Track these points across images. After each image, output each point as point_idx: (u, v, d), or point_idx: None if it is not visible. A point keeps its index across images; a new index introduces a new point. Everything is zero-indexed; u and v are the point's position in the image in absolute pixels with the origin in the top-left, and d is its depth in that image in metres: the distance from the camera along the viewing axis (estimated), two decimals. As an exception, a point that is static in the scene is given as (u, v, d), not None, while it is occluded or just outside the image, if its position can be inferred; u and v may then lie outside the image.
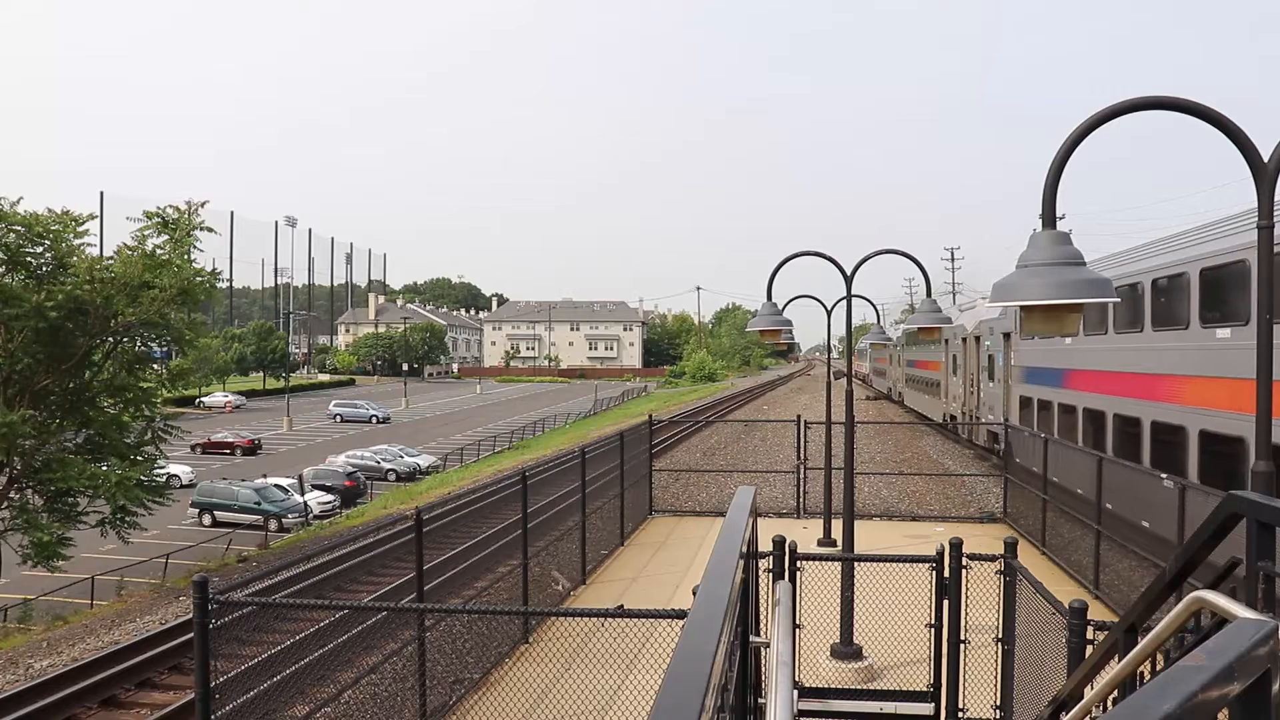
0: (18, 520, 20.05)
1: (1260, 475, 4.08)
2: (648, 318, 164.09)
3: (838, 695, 8.19)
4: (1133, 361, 14.27)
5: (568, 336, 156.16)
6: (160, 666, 14.72)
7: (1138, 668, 3.33)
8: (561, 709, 8.55)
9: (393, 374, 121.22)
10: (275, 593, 13.82)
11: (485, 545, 18.47)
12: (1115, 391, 14.98)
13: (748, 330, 11.54)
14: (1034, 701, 6.26)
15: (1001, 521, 17.48)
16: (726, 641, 1.90)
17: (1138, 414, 13.85)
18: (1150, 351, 13.69)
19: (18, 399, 20.17)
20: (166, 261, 21.39)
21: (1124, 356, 14.69)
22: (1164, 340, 13.24)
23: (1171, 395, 12.78)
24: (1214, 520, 3.17)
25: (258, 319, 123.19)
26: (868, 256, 10.90)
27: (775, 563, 7.17)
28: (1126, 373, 14.51)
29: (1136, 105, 3.98)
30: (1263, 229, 4.07)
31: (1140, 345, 14.08)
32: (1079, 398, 16.82)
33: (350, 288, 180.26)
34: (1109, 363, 15.40)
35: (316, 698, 10.13)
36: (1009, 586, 7.23)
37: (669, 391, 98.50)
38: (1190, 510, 9.70)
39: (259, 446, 52.90)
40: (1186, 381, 12.29)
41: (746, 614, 3.52)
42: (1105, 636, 4.60)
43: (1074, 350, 17.20)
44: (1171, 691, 1.21)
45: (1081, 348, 16.71)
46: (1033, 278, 3.68)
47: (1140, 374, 13.93)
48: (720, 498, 20.72)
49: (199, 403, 78.28)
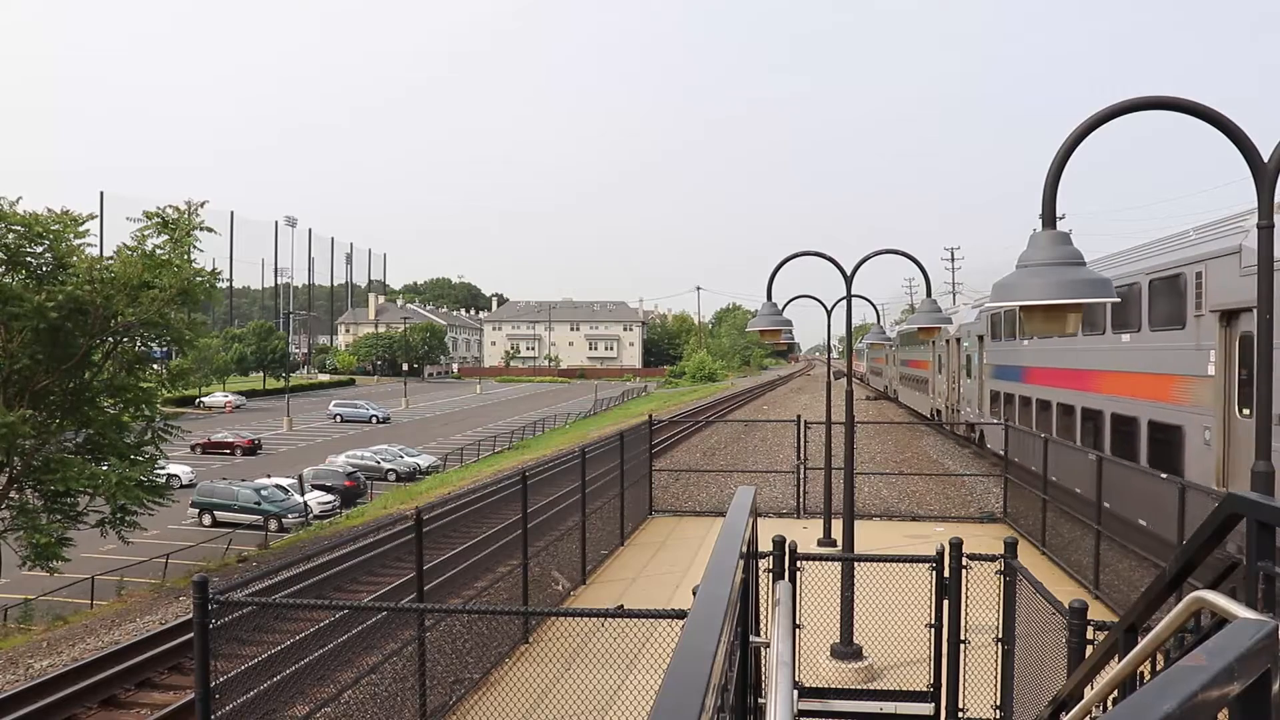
0: (18, 520, 20.05)
1: (1260, 475, 4.08)
2: (648, 318, 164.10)
3: (838, 695, 8.19)
4: (1072, 360, 17.51)
5: (568, 336, 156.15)
6: (160, 666, 14.71)
7: (1138, 668, 3.33)
8: (561, 709, 8.55)
9: (393, 374, 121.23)
10: (275, 593, 13.83)
11: (485, 545, 18.48)
12: (1059, 385, 18.35)
13: (748, 330, 11.53)
14: (1034, 701, 6.26)
15: (1001, 521, 17.48)
16: (726, 641, 1.90)
17: (1073, 402, 17.20)
18: (1082, 352, 16.86)
19: (18, 399, 20.17)
20: (166, 261, 21.39)
21: (1065, 357, 17.95)
22: (1089, 343, 16.40)
23: (1094, 387, 16.20)
24: (1214, 520, 3.17)
25: (258, 319, 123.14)
26: (868, 256, 10.89)
27: (775, 563, 7.17)
28: (1067, 369, 17.87)
29: (1136, 105, 3.98)
30: (1263, 229, 4.07)
31: (1075, 347, 17.17)
32: (1033, 390, 20.25)
33: (350, 288, 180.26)
34: (1055, 361, 18.71)
35: (316, 698, 10.13)
36: (1009, 586, 7.23)
37: (669, 391, 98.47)
38: (1108, 476, 12.32)
39: (259, 446, 52.91)
40: (1103, 375, 15.81)
41: (746, 614, 3.52)
42: (1105, 636, 4.60)
43: (1029, 351, 20.65)
44: (1171, 691, 1.21)
45: (1034, 349, 20.18)
46: (1033, 278, 3.68)
47: (1076, 370, 17.31)
48: (720, 498, 20.72)
49: (199, 403, 78.27)
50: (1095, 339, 16.14)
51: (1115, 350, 15.19)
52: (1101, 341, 15.84)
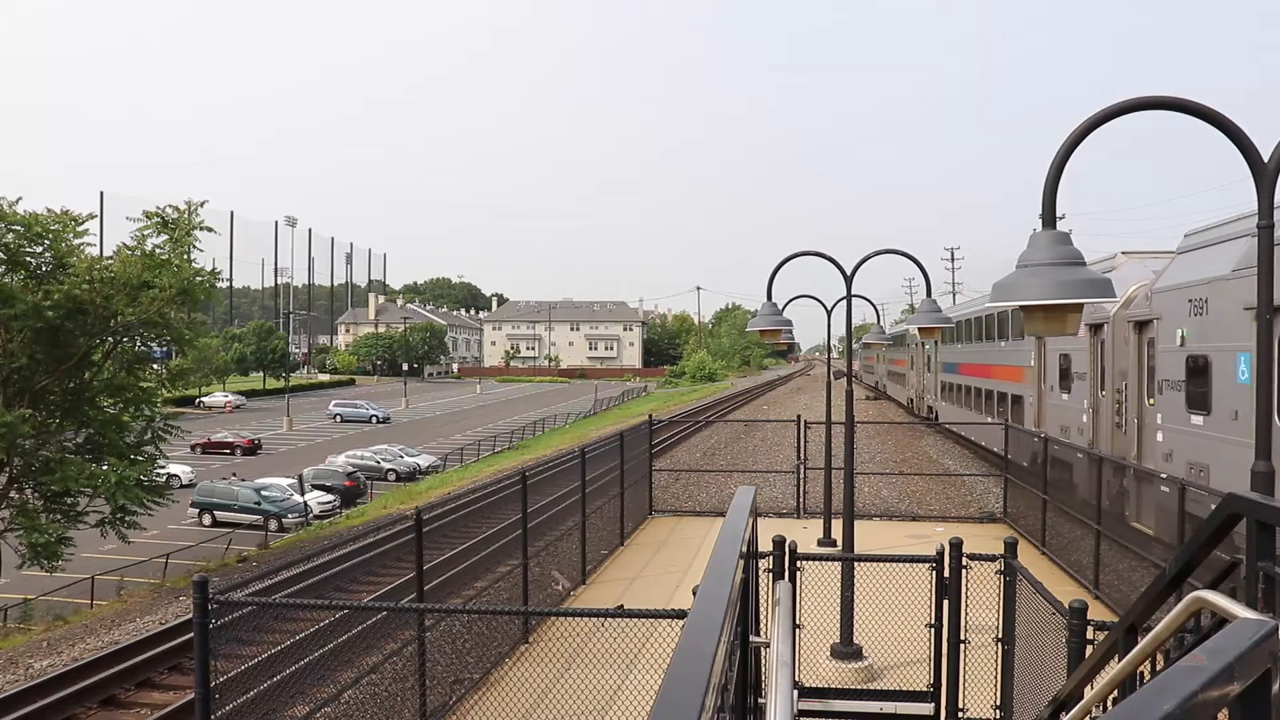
0: (17, 520, 20.04)
1: (1260, 475, 4.08)
2: (648, 318, 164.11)
3: (838, 695, 8.19)
4: (980, 358, 26.77)
5: (568, 336, 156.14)
6: (160, 666, 14.70)
7: (1138, 668, 3.33)
8: (561, 709, 8.55)
9: (393, 374, 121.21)
10: (275, 593, 13.83)
11: (485, 545, 18.47)
12: (977, 375, 27.11)
13: (748, 330, 11.54)
14: (1034, 701, 6.26)
15: (1001, 521, 17.48)
16: (726, 641, 1.90)
17: (984, 387, 26.05)
18: (987, 353, 25.81)
19: (17, 398, 20.17)
20: (166, 261, 21.37)
21: (979, 355, 27.02)
22: (989, 347, 25.63)
23: (992, 376, 25.14)
24: (1214, 520, 3.17)
25: (258, 319, 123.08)
26: (868, 256, 10.89)
27: (775, 563, 7.16)
28: (978, 364, 27.02)
29: (1136, 105, 3.98)
30: (1263, 229, 4.07)
31: (982, 349, 26.59)
32: (963, 379, 29.28)
33: (350, 288, 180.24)
34: (974, 358, 27.61)
35: (316, 698, 10.14)
36: (1009, 586, 7.22)
37: (669, 391, 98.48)
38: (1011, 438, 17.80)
39: (259, 446, 52.90)
40: (995, 368, 24.74)
41: (746, 614, 3.52)
42: (1105, 636, 4.60)
43: (961, 351, 29.68)
44: (1171, 691, 1.21)
45: (964, 349, 29.39)
46: (1033, 278, 3.68)
47: (981, 364, 26.50)
48: (720, 498, 20.72)
49: (199, 403, 78.23)
50: (990, 345, 25.53)
51: (998, 352, 24.56)
52: (993, 346, 25.18)
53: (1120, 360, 15.01)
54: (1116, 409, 15.20)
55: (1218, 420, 11.32)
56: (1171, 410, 12.78)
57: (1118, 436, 15.16)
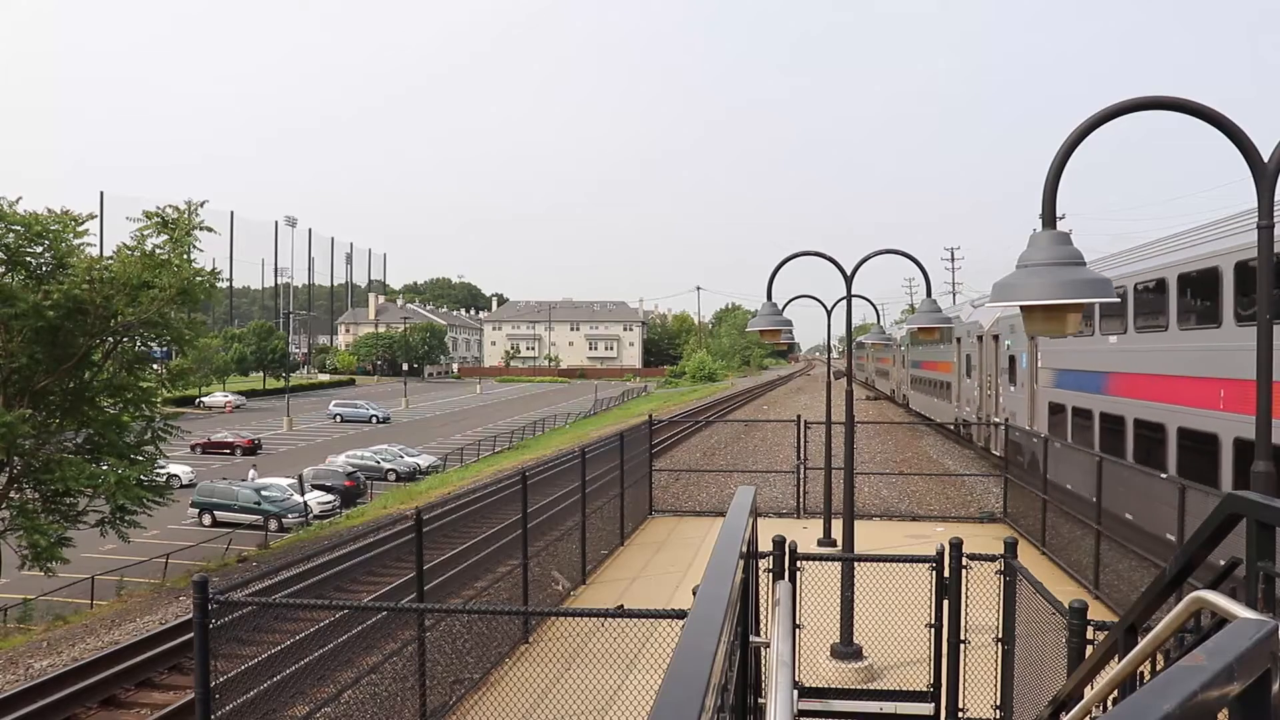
0: (17, 520, 20.03)
1: (1260, 475, 4.08)
2: (648, 318, 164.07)
3: (838, 695, 8.19)
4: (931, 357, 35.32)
5: (568, 336, 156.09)
6: (160, 666, 14.71)
7: (1138, 668, 3.33)
8: (561, 709, 8.55)
9: (393, 374, 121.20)
10: (275, 593, 13.83)
11: (485, 545, 18.47)
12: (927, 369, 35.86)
13: (748, 330, 11.54)
14: (1034, 701, 6.26)
15: (1001, 521, 17.48)
16: (726, 641, 1.90)
17: (931, 377, 33.59)
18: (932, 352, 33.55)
19: (17, 398, 20.16)
20: (166, 261, 21.35)
21: (928, 355, 35.97)
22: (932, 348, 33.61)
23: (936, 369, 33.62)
24: (1214, 520, 3.17)
25: (258, 319, 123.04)
26: (868, 256, 10.90)
27: (775, 563, 7.16)
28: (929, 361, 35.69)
29: (1136, 105, 3.98)
30: (1263, 229, 4.07)
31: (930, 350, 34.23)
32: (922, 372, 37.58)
33: (350, 288, 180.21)
34: (926, 357, 36.35)
35: (316, 698, 10.13)
36: (1009, 586, 7.22)
37: (669, 391, 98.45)
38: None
39: (259, 446, 52.88)
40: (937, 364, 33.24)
41: (746, 614, 3.52)
42: (1105, 636, 4.60)
43: (921, 352, 36.90)
44: (1171, 691, 1.21)
45: (921, 350, 37.20)
46: (1033, 278, 3.68)
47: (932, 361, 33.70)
48: (720, 498, 20.73)
49: (199, 403, 78.21)
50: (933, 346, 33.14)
51: (937, 352, 32.73)
52: (934, 347, 33.19)
53: (988, 358, 25.33)
54: (987, 385, 25.56)
55: (1019, 388, 21.54)
56: (1004, 384, 23.39)
57: (986, 402, 25.74)
